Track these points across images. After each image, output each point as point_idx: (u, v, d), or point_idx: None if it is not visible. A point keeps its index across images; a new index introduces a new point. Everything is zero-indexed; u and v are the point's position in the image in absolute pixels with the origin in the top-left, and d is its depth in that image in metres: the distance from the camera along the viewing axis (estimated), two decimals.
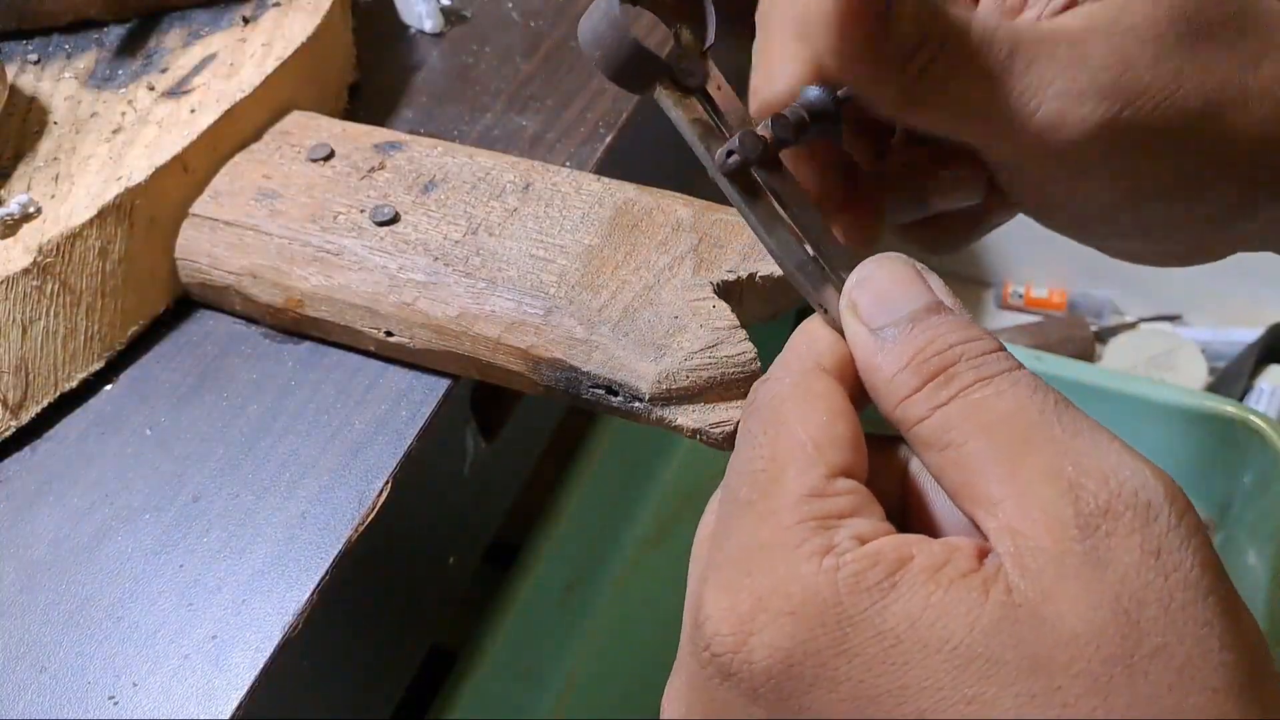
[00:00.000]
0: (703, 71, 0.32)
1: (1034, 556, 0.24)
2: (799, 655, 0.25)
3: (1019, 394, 0.26)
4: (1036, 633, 0.23)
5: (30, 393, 0.42)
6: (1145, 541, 0.24)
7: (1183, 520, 0.24)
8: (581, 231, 0.41)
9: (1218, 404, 0.76)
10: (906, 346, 0.28)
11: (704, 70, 0.32)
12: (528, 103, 0.54)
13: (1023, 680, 0.23)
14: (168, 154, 0.44)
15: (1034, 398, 0.26)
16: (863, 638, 0.24)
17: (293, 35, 0.50)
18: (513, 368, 0.40)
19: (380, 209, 0.43)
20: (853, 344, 0.29)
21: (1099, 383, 0.77)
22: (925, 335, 0.28)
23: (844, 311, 0.30)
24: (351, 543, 0.38)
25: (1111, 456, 0.25)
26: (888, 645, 0.24)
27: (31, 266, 0.41)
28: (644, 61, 0.31)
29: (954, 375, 0.27)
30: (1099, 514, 0.24)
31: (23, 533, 0.39)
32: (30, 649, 0.36)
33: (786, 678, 0.25)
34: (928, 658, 0.24)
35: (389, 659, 0.44)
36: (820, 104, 0.33)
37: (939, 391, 0.27)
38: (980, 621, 0.24)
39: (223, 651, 0.36)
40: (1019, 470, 0.25)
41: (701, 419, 0.37)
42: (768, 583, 0.26)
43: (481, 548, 0.50)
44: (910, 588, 0.25)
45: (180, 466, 0.41)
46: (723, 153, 0.32)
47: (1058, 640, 0.23)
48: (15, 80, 0.50)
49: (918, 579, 0.25)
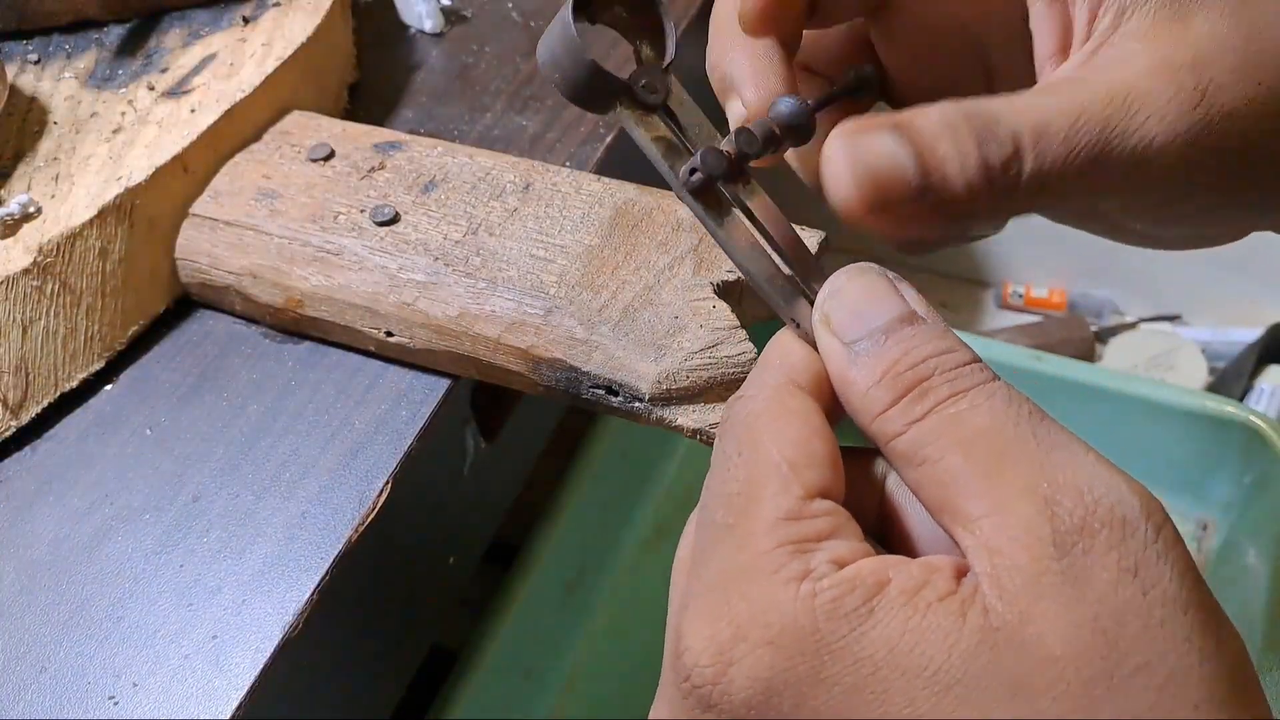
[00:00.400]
0: (664, 88, 0.32)
1: (1011, 576, 0.24)
2: (779, 685, 0.25)
3: (994, 407, 0.26)
4: (1016, 655, 0.23)
5: (30, 393, 0.42)
6: (1122, 559, 0.24)
7: (1160, 534, 0.24)
8: (581, 231, 0.41)
9: (1218, 404, 0.76)
10: (880, 360, 0.28)
11: (665, 86, 0.32)
12: (528, 103, 0.54)
13: (1003, 704, 0.23)
14: (168, 154, 0.45)
15: (1009, 410, 0.26)
16: (841, 666, 0.24)
17: (293, 35, 0.50)
18: (513, 368, 0.40)
19: (380, 209, 0.43)
20: (826, 358, 0.29)
21: (1099, 383, 0.77)
22: (899, 348, 0.28)
23: (817, 325, 0.29)
24: (351, 543, 0.38)
25: (1087, 470, 0.25)
26: (866, 673, 0.24)
27: (31, 266, 0.41)
28: (602, 82, 0.31)
29: (929, 389, 0.27)
30: (1075, 531, 0.24)
31: (23, 533, 0.39)
32: (30, 649, 0.36)
33: (767, 708, 0.25)
34: (907, 684, 0.24)
35: (389, 659, 0.44)
36: (793, 117, 0.32)
37: (914, 406, 0.27)
38: (959, 646, 0.24)
39: (223, 651, 0.36)
40: (995, 486, 0.25)
41: (701, 419, 0.37)
42: (746, 611, 0.25)
43: (481, 548, 0.50)
44: (888, 613, 0.24)
45: (180, 466, 0.41)
46: (685, 170, 0.32)
47: (1037, 662, 0.23)
48: (15, 80, 0.50)
49: (895, 603, 0.25)
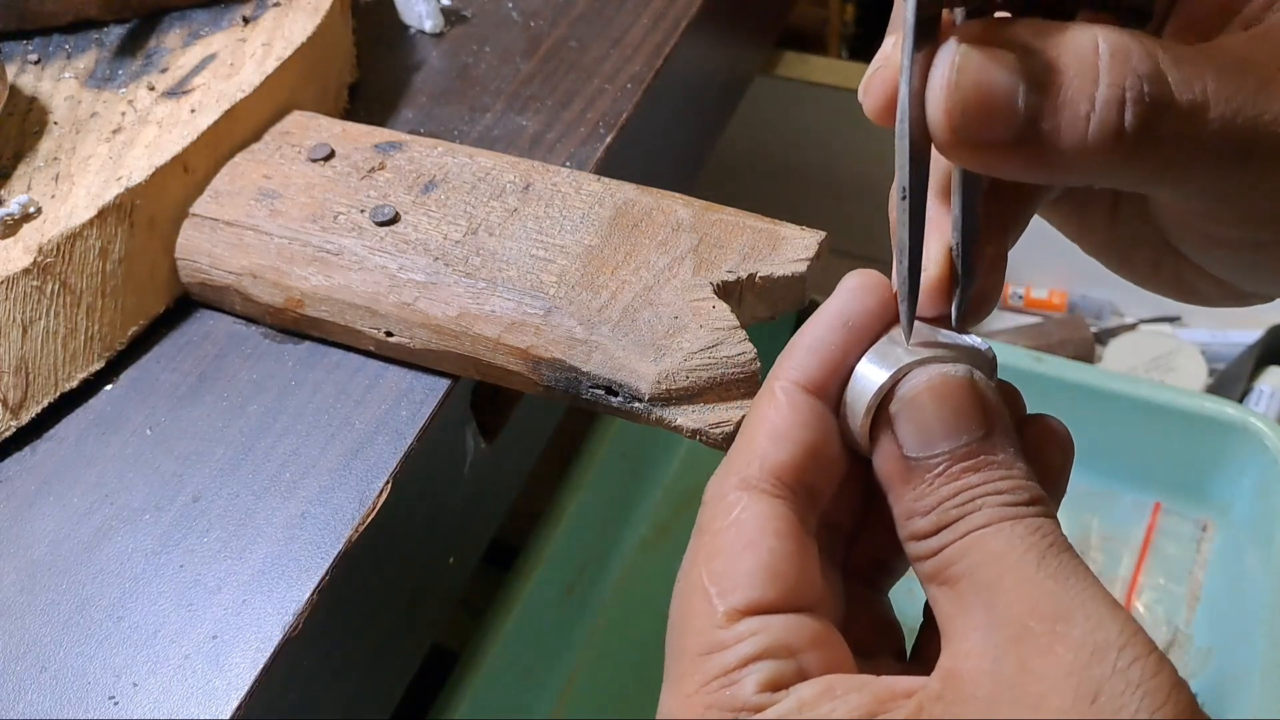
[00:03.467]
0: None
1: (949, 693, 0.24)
2: None
3: (1015, 532, 0.26)
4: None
5: (30, 393, 0.42)
6: (1081, 684, 0.23)
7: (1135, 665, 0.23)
8: (581, 232, 0.41)
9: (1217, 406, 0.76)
10: (936, 494, 0.27)
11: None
12: (528, 103, 0.54)
13: None
14: (168, 154, 0.45)
15: (1026, 540, 0.26)
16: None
17: (293, 35, 0.50)
18: (512, 368, 0.40)
19: (380, 209, 0.43)
20: (880, 459, 0.28)
21: (1099, 384, 0.77)
22: (958, 484, 0.27)
23: (879, 426, 0.28)
24: (351, 543, 0.38)
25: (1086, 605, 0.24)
26: None
27: (31, 266, 0.41)
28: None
29: (966, 516, 0.26)
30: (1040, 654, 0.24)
31: (23, 533, 0.39)
32: (30, 649, 0.36)
33: None
34: None
35: (389, 659, 0.44)
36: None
37: (949, 534, 0.26)
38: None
39: (223, 651, 0.36)
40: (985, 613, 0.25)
41: (701, 419, 0.37)
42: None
43: (481, 548, 0.50)
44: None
45: (180, 466, 0.41)
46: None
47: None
48: (15, 80, 0.50)
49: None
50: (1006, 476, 0.26)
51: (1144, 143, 0.25)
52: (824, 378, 0.29)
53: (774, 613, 0.26)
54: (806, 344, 0.29)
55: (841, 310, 0.30)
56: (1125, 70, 0.25)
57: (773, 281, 0.39)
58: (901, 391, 0.28)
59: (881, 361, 0.29)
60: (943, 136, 0.26)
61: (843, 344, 0.29)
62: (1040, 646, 0.24)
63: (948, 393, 0.28)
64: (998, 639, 0.24)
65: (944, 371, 0.28)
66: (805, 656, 0.26)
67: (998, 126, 0.25)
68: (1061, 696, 0.23)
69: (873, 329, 0.29)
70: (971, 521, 0.26)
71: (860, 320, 0.29)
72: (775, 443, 0.28)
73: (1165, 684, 0.23)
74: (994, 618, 0.25)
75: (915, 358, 0.29)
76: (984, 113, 0.25)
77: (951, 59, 0.25)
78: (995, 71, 0.25)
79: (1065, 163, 0.26)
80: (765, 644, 0.26)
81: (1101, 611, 0.24)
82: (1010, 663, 0.24)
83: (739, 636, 0.26)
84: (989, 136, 0.25)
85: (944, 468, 0.27)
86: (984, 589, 0.25)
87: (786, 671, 0.25)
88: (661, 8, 0.59)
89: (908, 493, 0.27)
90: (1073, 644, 0.23)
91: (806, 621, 0.27)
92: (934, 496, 0.27)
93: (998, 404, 0.28)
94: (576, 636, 0.76)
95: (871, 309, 0.29)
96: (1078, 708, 0.23)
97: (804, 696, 0.25)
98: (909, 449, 0.27)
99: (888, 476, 0.28)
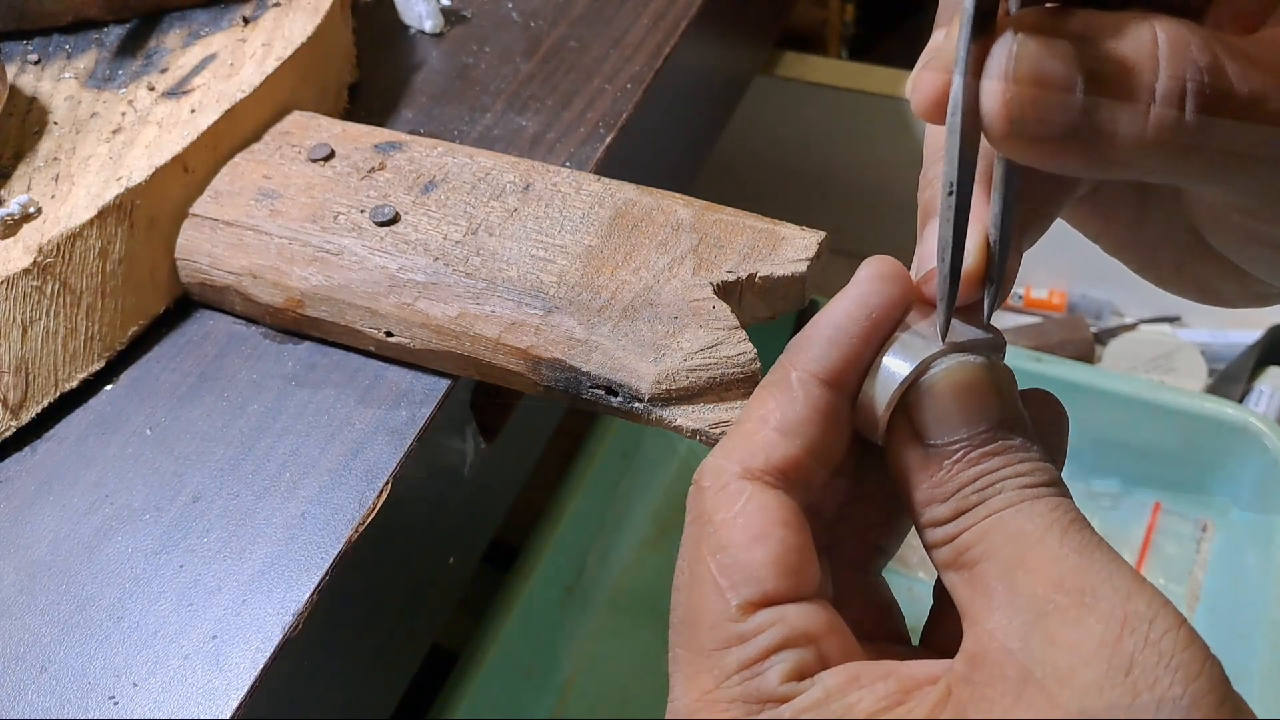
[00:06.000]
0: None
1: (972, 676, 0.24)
2: None
3: (1035, 510, 0.26)
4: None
5: (30, 393, 0.42)
6: (1114, 656, 0.23)
7: (1168, 636, 0.23)
8: (581, 232, 0.41)
9: (1217, 405, 0.76)
10: (954, 480, 0.27)
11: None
12: (528, 103, 0.54)
13: None
14: (168, 154, 0.45)
15: (1048, 517, 0.26)
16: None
17: (293, 35, 0.50)
18: (512, 368, 0.40)
19: (380, 209, 0.43)
20: (895, 447, 0.28)
21: (1099, 384, 0.77)
22: (977, 469, 0.27)
23: (896, 414, 0.28)
24: (351, 543, 0.38)
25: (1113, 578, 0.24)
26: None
27: (31, 267, 0.41)
28: None
29: (986, 501, 0.26)
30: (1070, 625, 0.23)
31: (23, 533, 0.39)
32: (30, 649, 0.36)
33: None
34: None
35: (389, 659, 0.44)
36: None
37: (967, 519, 0.26)
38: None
39: (223, 651, 0.36)
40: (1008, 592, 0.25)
41: (701, 419, 0.37)
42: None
43: (481, 548, 0.50)
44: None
45: (180, 466, 0.41)
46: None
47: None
48: (15, 80, 0.50)
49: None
50: (1025, 459, 0.27)
51: (1203, 135, 0.25)
52: (844, 370, 0.29)
53: (788, 603, 0.26)
54: (827, 335, 0.29)
55: (863, 300, 0.29)
56: (1184, 62, 0.24)
57: (773, 281, 0.39)
58: (922, 381, 0.28)
59: (905, 353, 0.29)
60: (998, 128, 0.25)
61: (864, 335, 0.29)
62: (1069, 620, 0.23)
63: (967, 381, 0.28)
64: (1024, 616, 0.24)
65: (962, 360, 0.28)
66: (825, 643, 0.26)
67: (1054, 119, 0.25)
68: (1093, 669, 0.23)
69: (894, 319, 0.29)
70: (991, 505, 0.26)
71: (882, 312, 0.29)
72: (785, 436, 0.28)
73: (1198, 656, 0.23)
74: (1018, 596, 0.24)
75: (937, 348, 0.28)
76: (1041, 105, 0.25)
77: (1009, 49, 0.25)
78: (1053, 63, 0.25)
79: (1122, 157, 0.25)
80: (785, 634, 0.26)
81: (1129, 584, 0.24)
82: (1038, 638, 0.24)
83: (758, 628, 0.26)
84: (1045, 129, 0.25)
85: (963, 453, 0.27)
86: (1006, 569, 0.25)
87: (809, 660, 0.25)
88: (661, 8, 0.59)
89: (925, 480, 0.27)
90: (1102, 615, 0.23)
91: (819, 609, 0.26)
92: (954, 483, 0.27)
93: (1013, 389, 0.28)
94: (576, 636, 0.76)
95: (894, 299, 0.29)
96: (1111, 680, 0.22)
97: (830, 685, 0.25)
98: (929, 437, 0.27)
99: (904, 464, 0.28)
